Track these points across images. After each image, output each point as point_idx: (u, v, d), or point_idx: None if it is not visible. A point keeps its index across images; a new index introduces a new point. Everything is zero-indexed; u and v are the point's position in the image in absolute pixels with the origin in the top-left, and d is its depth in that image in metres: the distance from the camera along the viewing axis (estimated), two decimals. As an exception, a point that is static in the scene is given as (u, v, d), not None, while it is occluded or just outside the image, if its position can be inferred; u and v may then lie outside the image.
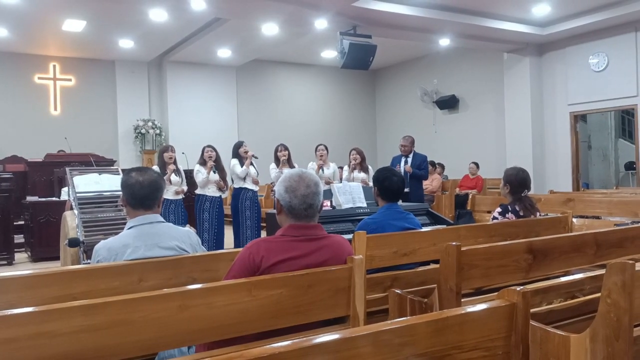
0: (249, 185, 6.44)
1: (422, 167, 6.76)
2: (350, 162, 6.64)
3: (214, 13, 8.37)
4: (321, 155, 6.69)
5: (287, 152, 6.59)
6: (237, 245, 6.43)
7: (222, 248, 6.29)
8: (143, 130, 11.67)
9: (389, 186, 3.14)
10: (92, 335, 1.46)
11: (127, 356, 1.51)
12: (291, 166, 6.46)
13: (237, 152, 6.50)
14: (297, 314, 1.76)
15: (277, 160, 6.61)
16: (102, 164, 8.03)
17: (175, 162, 6.29)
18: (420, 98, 12.82)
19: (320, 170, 6.57)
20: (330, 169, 6.73)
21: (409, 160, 6.77)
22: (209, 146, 6.44)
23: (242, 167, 6.37)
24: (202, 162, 6.36)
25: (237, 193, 6.48)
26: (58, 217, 5.62)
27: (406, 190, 6.10)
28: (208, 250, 3.05)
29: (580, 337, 1.54)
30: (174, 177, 6.17)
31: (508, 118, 10.78)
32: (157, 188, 2.24)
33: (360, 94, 14.55)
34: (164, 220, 2.27)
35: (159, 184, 2.25)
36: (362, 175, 6.54)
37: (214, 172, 6.28)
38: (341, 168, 7.10)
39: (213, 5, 7.71)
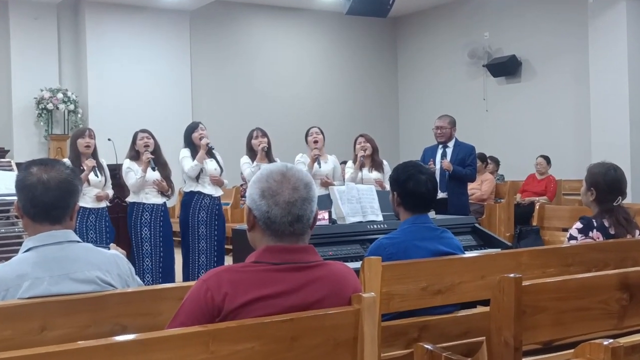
0: (205, 188, 6.44)
1: (468, 162, 6.76)
2: (357, 154, 6.65)
3: None
4: (315, 141, 6.68)
5: (266, 139, 6.61)
6: (186, 277, 6.45)
7: (172, 280, 6.30)
8: (50, 106, 11.64)
9: (414, 189, 3.15)
10: (-31, 410, 1.46)
11: None
12: (271, 160, 6.47)
13: (191, 140, 6.51)
14: (276, 380, 1.76)
15: (252, 152, 6.62)
16: (-13, 155, 8.03)
17: (95, 153, 6.29)
18: (467, 60, 12.84)
19: (315, 164, 6.56)
20: (329, 163, 6.75)
21: (448, 151, 6.76)
22: (143, 131, 6.45)
23: (194, 160, 6.36)
24: (134, 154, 6.37)
25: (188, 200, 6.47)
26: None
27: (442, 195, 6.13)
28: (150, 284, 3.06)
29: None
30: (93, 177, 6.16)
31: (594, 90, 10.80)
32: (69, 191, 2.25)
33: (375, 53, 14.57)
34: (80, 240, 2.29)
35: (72, 186, 2.27)
36: (375, 174, 6.55)
37: (153, 168, 6.27)
38: (344, 163, 7.10)
39: None
